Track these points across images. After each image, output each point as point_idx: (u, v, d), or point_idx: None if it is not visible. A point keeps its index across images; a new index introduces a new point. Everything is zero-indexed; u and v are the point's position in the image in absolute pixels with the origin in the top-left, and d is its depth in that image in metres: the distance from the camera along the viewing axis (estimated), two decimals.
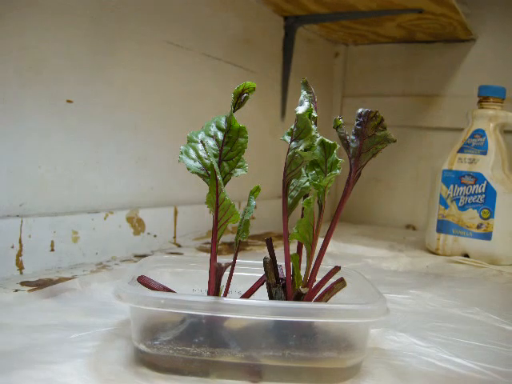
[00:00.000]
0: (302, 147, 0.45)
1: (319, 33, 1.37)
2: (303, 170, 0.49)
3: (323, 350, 0.44)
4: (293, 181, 0.49)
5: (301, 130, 0.45)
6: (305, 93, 0.48)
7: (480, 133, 1.02)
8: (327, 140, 0.49)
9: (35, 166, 0.71)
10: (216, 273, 0.45)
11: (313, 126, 0.46)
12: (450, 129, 1.31)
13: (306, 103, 0.47)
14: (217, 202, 0.45)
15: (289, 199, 0.49)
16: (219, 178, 0.44)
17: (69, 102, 0.75)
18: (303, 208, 0.47)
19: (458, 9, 1.06)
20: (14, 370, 0.40)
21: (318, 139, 0.49)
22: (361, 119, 0.45)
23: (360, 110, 0.45)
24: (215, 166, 0.44)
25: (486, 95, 1.02)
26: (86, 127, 0.78)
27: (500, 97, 1.02)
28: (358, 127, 0.46)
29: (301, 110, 0.45)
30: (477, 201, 1.00)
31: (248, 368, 0.43)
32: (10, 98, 0.67)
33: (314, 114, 0.50)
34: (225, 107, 0.49)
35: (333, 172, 0.47)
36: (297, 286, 0.48)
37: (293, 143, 0.46)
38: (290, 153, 0.46)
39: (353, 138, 0.47)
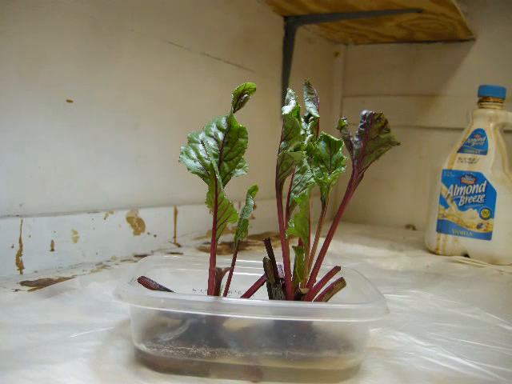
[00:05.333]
0: (291, 147, 0.44)
1: (319, 32, 1.37)
2: (308, 165, 0.49)
3: (323, 349, 0.44)
4: (297, 176, 0.49)
5: (289, 130, 0.44)
6: (290, 91, 0.47)
7: (480, 132, 1.02)
8: (333, 137, 0.49)
9: (35, 166, 0.71)
10: (215, 277, 0.45)
11: (302, 125, 0.45)
12: (450, 129, 1.31)
13: (293, 102, 0.46)
14: (216, 202, 0.45)
15: (292, 194, 0.48)
16: (218, 177, 0.44)
17: (69, 101, 0.75)
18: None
19: (458, 8, 1.06)
20: (13, 369, 0.40)
21: (321, 135, 0.49)
22: (365, 121, 0.44)
23: (364, 112, 0.44)
24: (214, 165, 0.44)
25: (486, 95, 1.02)
26: (85, 127, 0.78)
27: (500, 97, 1.02)
28: (362, 129, 0.45)
29: (287, 109, 0.44)
30: (477, 201, 1.00)
31: (248, 368, 0.43)
32: (9, 97, 0.67)
33: (316, 115, 0.50)
34: (225, 107, 0.49)
35: (337, 169, 0.47)
36: (299, 278, 0.47)
37: (282, 143, 0.45)
38: (280, 153, 0.45)
39: (356, 139, 0.46)
